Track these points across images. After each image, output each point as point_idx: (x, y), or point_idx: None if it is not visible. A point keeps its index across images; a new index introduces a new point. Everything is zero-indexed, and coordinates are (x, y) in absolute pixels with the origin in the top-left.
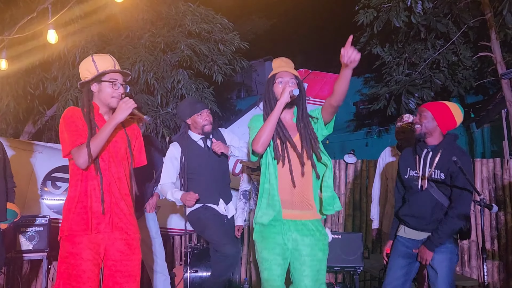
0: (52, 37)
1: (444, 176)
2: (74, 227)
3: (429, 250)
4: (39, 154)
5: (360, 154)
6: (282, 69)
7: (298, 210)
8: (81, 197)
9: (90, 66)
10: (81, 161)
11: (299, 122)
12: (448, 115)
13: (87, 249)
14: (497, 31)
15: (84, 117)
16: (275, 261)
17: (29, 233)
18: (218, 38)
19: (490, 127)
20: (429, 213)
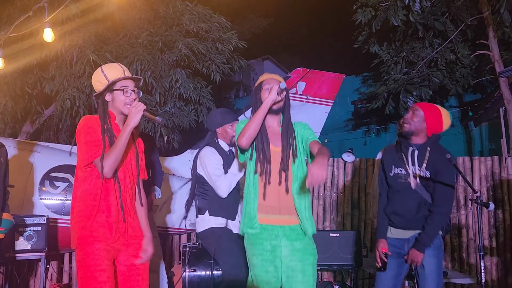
0: (48, 35)
1: (429, 174)
2: (94, 233)
3: (419, 252)
4: (37, 153)
5: (358, 152)
6: (268, 76)
7: (285, 215)
8: (102, 206)
9: (101, 77)
10: (105, 170)
11: (284, 129)
12: (438, 119)
13: (104, 251)
14: (494, 29)
15: (101, 127)
16: (262, 267)
17: (27, 233)
18: (216, 37)
19: (488, 126)
20: (414, 211)
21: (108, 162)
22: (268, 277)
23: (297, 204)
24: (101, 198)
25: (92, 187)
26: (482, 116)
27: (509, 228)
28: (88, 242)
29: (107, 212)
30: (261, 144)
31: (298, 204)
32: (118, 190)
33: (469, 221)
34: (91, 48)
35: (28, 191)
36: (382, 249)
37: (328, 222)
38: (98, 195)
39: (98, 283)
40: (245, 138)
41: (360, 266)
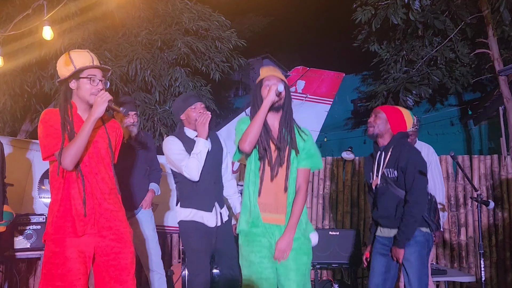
0: (47, 33)
1: (396, 173)
2: (58, 230)
3: (399, 248)
4: (36, 152)
5: (358, 151)
6: (269, 73)
7: (281, 214)
8: (64, 200)
9: (67, 62)
10: (65, 163)
11: (281, 127)
12: (400, 119)
13: (71, 248)
14: (494, 28)
15: (61, 119)
16: (261, 264)
17: (27, 232)
18: (215, 36)
19: (487, 124)
20: (393, 211)
21: (67, 155)
22: (267, 274)
23: (288, 204)
24: (63, 192)
25: (55, 181)
26: (481, 114)
27: (508, 227)
28: (52, 238)
29: (68, 205)
30: (261, 142)
31: (290, 204)
32: (81, 183)
33: (468, 219)
34: (90, 47)
35: (27, 190)
36: (366, 254)
37: (327, 221)
38: (60, 189)
39: (62, 283)
40: (247, 144)
41: (359, 264)
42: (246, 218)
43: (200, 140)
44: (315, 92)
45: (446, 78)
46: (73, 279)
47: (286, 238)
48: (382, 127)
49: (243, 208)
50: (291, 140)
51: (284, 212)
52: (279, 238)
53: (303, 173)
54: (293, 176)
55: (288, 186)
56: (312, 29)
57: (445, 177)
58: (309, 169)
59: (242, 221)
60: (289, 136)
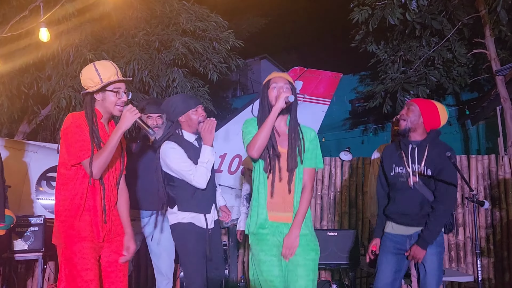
0: (44, 35)
1: (431, 172)
2: (82, 233)
3: (422, 249)
4: (34, 154)
5: (356, 151)
6: (276, 75)
7: (289, 212)
8: (88, 206)
9: (94, 75)
10: (95, 172)
11: (290, 131)
12: (434, 114)
13: (91, 249)
14: (491, 28)
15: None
16: (272, 262)
17: (25, 234)
18: (213, 36)
19: (485, 124)
20: (417, 210)
21: (97, 164)
22: (277, 272)
23: (295, 203)
24: (87, 198)
25: (78, 187)
26: (479, 114)
27: (505, 227)
28: (75, 241)
29: (93, 211)
30: (269, 144)
31: (296, 203)
32: (102, 191)
33: (466, 219)
34: (87, 47)
35: (24, 191)
36: (372, 247)
37: (325, 221)
38: (84, 195)
39: (84, 282)
40: (256, 150)
41: (358, 265)
42: (254, 220)
43: (207, 149)
44: (313, 93)
45: (443, 78)
46: (94, 279)
47: (292, 235)
48: (415, 120)
49: (252, 210)
50: (299, 142)
51: (292, 211)
52: (286, 236)
53: (309, 173)
54: (299, 176)
55: (293, 187)
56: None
57: None
58: (314, 169)
59: (252, 222)
60: (297, 139)
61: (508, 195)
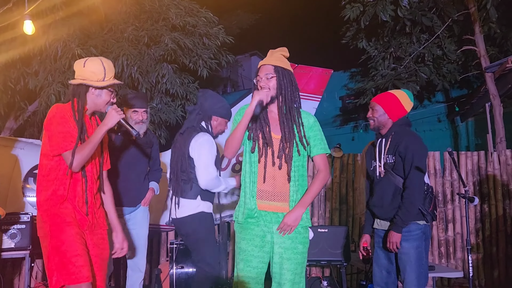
0: (28, 27)
1: (394, 159)
2: (67, 219)
3: (396, 232)
4: (21, 150)
5: (346, 148)
6: (262, 62)
7: (278, 202)
8: (70, 196)
9: (99, 70)
10: (75, 165)
11: (281, 117)
12: (397, 105)
13: (78, 235)
14: (481, 25)
15: (77, 120)
16: (252, 252)
17: (11, 231)
18: (203, 32)
19: (474, 121)
20: (389, 200)
21: (79, 157)
22: (255, 263)
23: (292, 192)
24: (69, 188)
25: (61, 177)
26: (468, 111)
27: (495, 222)
28: (61, 228)
29: (76, 202)
30: (261, 130)
31: (292, 192)
32: (84, 183)
33: (455, 215)
34: (75, 42)
35: (11, 188)
36: (363, 244)
37: (316, 218)
38: (67, 186)
39: (76, 268)
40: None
41: (348, 261)
42: (242, 210)
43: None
44: (303, 89)
45: (433, 75)
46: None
47: (295, 213)
48: (381, 118)
49: (240, 199)
50: (294, 129)
51: (283, 200)
52: (288, 212)
53: (320, 159)
54: (295, 164)
55: (288, 176)
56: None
57: (433, 173)
58: (325, 154)
59: (239, 212)
60: (291, 125)
61: (497, 191)
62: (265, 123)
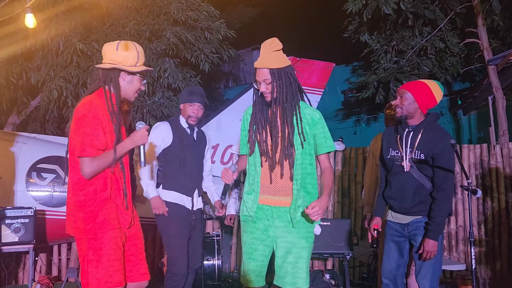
0: (30, 21)
1: (424, 157)
2: (111, 223)
3: (433, 241)
4: (24, 145)
5: (348, 142)
6: (257, 64)
7: (280, 196)
8: (113, 194)
9: (133, 55)
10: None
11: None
12: (428, 95)
13: (118, 238)
14: (484, 17)
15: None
16: (252, 245)
17: (15, 225)
18: (204, 26)
19: (476, 114)
20: (411, 195)
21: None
22: (256, 256)
23: (295, 188)
24: (112, 187)
25: (101, 176)
26: (471, 104)
27: (497, 215)
28: (103, 230)
29: (118, 199)
30: (261, 131)
31: (295, 188)
32: (123, 177)
33: (458, 208)
34: (77, 37)
35: (15, 183)
36: (374, 225)
37: None
38: (108, 184)
39: (110, 273)
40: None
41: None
42: (245, 204)
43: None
44: (305, 83)
45: (436, 68)
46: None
47: (321, 201)
48: (410, 107)
49: (244, 195)
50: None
51: (286, 195)
52: (315, 201)
53: (326, 158)
54: (298, 162)
55: (290, 172)
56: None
57: None
58: (327, 154)
59: (243, 207)
60: (290, 124)
61: (499, 184)
62: (265, 124)
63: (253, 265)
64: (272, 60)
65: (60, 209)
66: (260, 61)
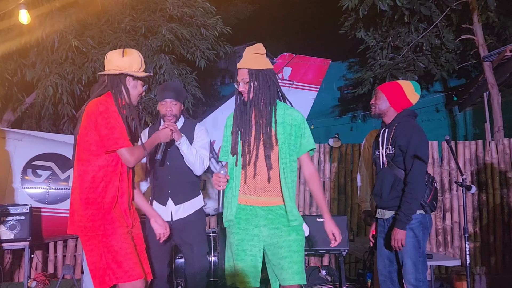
0: (24, 17)
1: (393, 151)
2: (117, 222)
3: (400, 229)
4: (19, 142)
5: (345, 138)
6: (238, 65)
7: (262, 197)
8: (120, 193)
9: (138, 61)
10: (133, 161)
11: (256, 118)
12: (400, 94)
13: (128, 234)
14: (479, 14)
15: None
16: (239, 246)
17: (10, 222)
18: (200, 23)
19: (472, 110)
20: (387, 190)
21: (138, 155)
22: (244, 256)
23: (283, 187)
24: (119, 186)
25: (110, 174)
26: (466, 101)
27: (492, 211)
28: (113, 227)
29: (124, 198)
30: (238, 133)
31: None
32: (127, 178)
33: (453, 204)
34: (72, 34)
35: (10, 180)
36: (372, 231)
37: (314, 208)
38: (117, 183)
39: (130, 266)
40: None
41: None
42: (228, 206)
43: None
44: (301, 79)
45: (431, 65)
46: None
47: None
48: (382, 106)
49: (226, 200)
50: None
51: (267, 195)
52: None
53: (304, 160)
54: (282, 161)
55: (273, 175)
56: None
57: (431, 162)
58: (307, 155)
59: (225, 211)
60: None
61: (494, 180)
62: (242, 126)
63: (242, 265)
64: (252, 61)
65: (55, 206)
66: (241, 61)
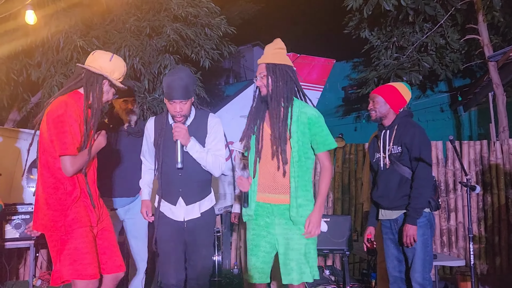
0: (30, 18)
1: (400, 149)
2: (81, 219)
3: (411, 225)
4: (25, 141)
5: (349, 138)
6: (258, 61)
7: (278, 194)
8: (84, 195)
9: (122, 69)
10: (71, 172)
11: (271, 113)
12: (397, 96)
13: (89, 233)
14: (484, 13)
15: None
16: (254, 241)
17: (16, 221)
18: (205, 23)
19: (477, 110)
20: (394, 190)
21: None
22: (256, 251)
23: (292, 185)
24: (81, 187)
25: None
26: (471, 101)
27: (497, 212)
28: (74, 228)
29: (85, 197)
30: (257, 126)
31: (292, 186)
32: (85, 179)
33: (458, 204)
34: (77, 34)
35: (15, 179)
36: (367, 235)
37: None
38: (75, 183)
39: (83, 266)
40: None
41: (351, 250)
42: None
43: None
44: (305, 79)
45: (436, 65)
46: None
47: (314, 219)
48: (382, 109)
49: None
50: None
51: (283, 192)
52: (308, 219)
53: (325, 156)
54: (294, 160)
55: (285, 169)
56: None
57: (435, 162)
58: (325, 153)
59: (246, 201)
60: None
61: (499, 180)
62: (260, 121)
63: (254, 261)
64: (271, 56)
65: None
66: (261, 57)
